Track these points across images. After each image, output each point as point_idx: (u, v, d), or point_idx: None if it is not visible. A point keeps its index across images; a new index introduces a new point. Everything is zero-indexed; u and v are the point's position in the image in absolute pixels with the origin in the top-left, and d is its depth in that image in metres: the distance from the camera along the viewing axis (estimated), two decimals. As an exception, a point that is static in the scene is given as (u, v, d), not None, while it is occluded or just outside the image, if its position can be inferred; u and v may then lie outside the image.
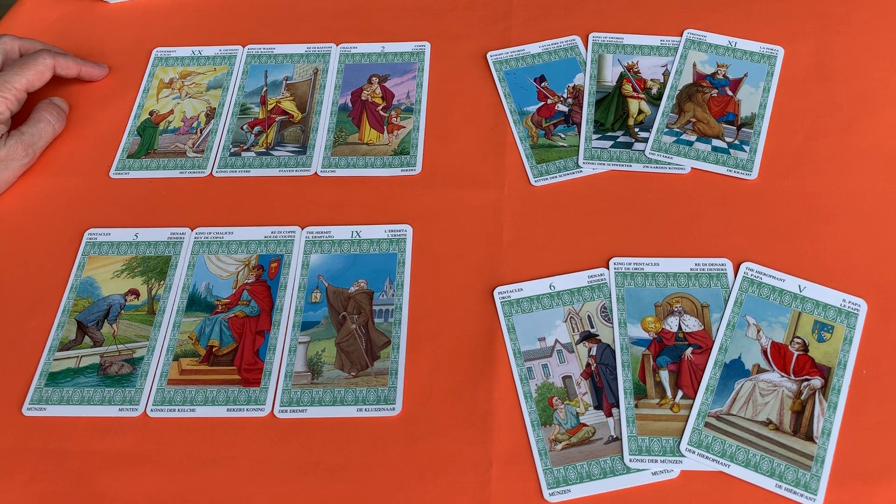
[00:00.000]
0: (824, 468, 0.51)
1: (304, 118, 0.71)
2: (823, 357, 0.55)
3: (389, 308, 0.60)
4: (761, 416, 0.53)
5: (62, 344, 0.59)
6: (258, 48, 0.76)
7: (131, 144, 0.70)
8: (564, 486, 0.52)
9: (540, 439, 0.53)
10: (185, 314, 0.60)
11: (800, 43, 0.72)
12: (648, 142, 0.66)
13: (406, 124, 0.70)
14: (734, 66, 0.71)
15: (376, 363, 0.57)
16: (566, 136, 0.68)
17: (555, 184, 0.65)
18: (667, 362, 0.56)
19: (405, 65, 0.74)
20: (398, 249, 0.62)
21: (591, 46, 0.73)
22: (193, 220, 0.65)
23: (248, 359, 0.58)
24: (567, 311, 0.59)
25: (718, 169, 0.65)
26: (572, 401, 0.55)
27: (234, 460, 0.54)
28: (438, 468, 0.53)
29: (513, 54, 0.73)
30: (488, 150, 0.67)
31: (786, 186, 0.63)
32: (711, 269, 0.59)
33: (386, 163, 0.67)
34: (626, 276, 0.60)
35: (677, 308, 0.58)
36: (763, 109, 0.68)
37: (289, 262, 0.62)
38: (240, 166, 0.68)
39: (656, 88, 0.70)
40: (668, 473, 0.52)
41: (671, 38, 0.73)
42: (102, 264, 0.63)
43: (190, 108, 0.72)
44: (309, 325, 0.59)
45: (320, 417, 0.55)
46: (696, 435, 0.53)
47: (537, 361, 0.57)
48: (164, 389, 0.57)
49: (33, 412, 0.56)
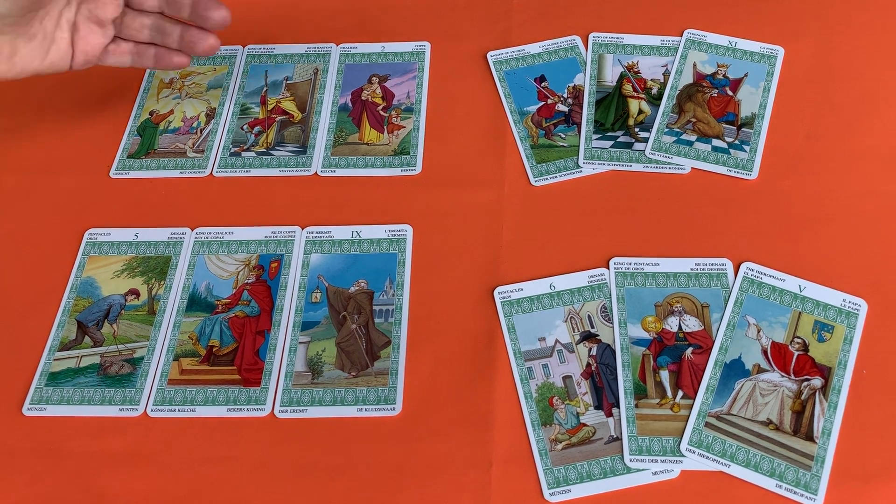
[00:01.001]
0: (824, 468, 0.51)
1: (304, 118, 0.71)
2: (824, 357, 0.55)
3: (389, 308, 0.60)
4: (761, 416, 0.53)
5: (62, 344, 0.59)
6: (258, 48, 0.76)
7: (131, 144, 0.70)
8: (565, 486, 0.52)
9: (540, 439, 0.53)
10: (186, 314, 0.60)
11: (800, 43, 0.72)
12: (648, 142, 0.67)
13: (406, 124, 0.70)
14: (734, 66, 0.71)
15: (376, 363, 0.57)
16: (566, 136, 0.68)
17: (555, 184, 0.65)
18: (667, 362, 0.56)
19: (405, 65, 0.74)
20: (398, 249, 0.62)
21: (592, 46, 0.73)
22: (193, 220, 0.65)
23: (249, 359, 0.58)
24: (567, 311, 0.59)
25: (718, 169, 0.65)
26: (572, 401, 0.55)
27: (234, 460, 0.54)
28: (438, 468, 0.53)
29: (513, 54, 0.73)
30: (488, 150, 0.67)
31: (786, 186, 0.63)
32: (711, 269, 0.59)
33: (386, 163, 0.67)
34: (627, 276, 0.60)
35: (677, 308, 0.58)
36: (763, 109, 0.68)
37: (289, 262, 0.62)
38: (240, 166, 0.68)
39: (656, 88, 0.70)
40: (669, 473, 0.52)
41: (671, 38, 0.73)
42: (102, 264, 0.63)
43: (190, 108, 0.72)
44: (309, 325, 0.59)
45: (320, 417, 0.55)
46: (697, 435, 0.53)
47: (537, 361, 0.57)
48: (165, 389, 0.57)
49: (33, 412, 0.56)
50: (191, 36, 0.62)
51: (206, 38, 0.62)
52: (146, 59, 0.64)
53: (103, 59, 0.63)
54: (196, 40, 0.62)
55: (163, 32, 0.63)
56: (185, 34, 0.63)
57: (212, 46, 0.63)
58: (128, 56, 0.64)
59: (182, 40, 0.63)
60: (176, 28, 0.63)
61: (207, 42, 0.62)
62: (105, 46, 0.62)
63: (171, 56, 0.64)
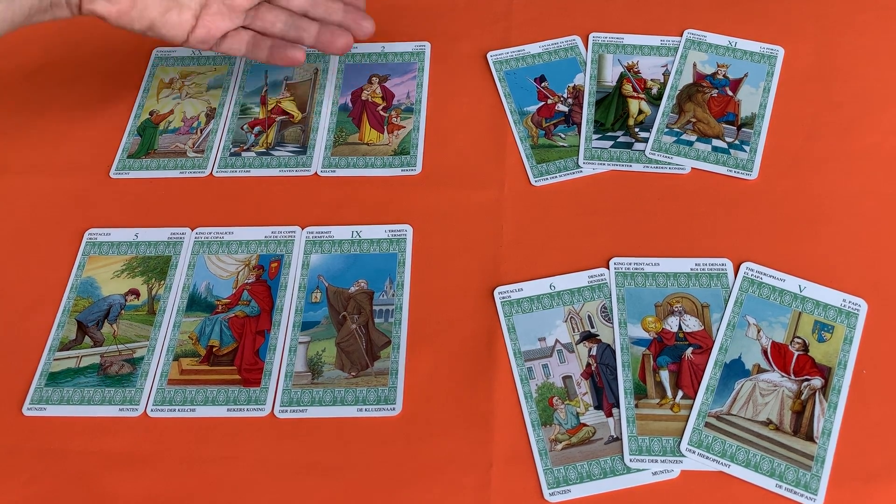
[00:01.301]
0: (824, 468, 0.51)
1: (304, 118, 0.71)
2: (823, 357, 0.55)
3: (389, 308, 0.60)
4: (761, 416, 0.53)
5: (62, 344, 0.59)
6: (258, 48, 0.76)
7: (131, 144, 0.70)
8: (565, 486, 0.52)
9: (540, 439, 0.53)
10: (186, 314, 0.60)
11: (800, 43, 0.72)
12: (648, 142, 0.66)
13: (406, 124, 0.70)
14: (734, 66, 0.71)
15: (376, 363, 0.57)
16: (566, 136, 0.68)
17: (555, 184, 0.65)
18: (667, 362, 0.56)
19: (405, 65, 0.74)
20: (398, 249, 0.62)
21: (591, 46, 0.73)
22: (193, 220, 0.65)
23: (249, 359, 0.58)
24: (567, 311, 0.59)
25: (718, 169, 0.65)
26: (572, 401, 0.55)
27: (234, 460, 0.54)
28: (438, 468, 0.53)
29: (513, 54, 0.73)
30: (488, 150, 0.67)
31: (786, 186, 0.63)
32: (712, 269, 0.59)
33: (386, 163, 0.67)
34: (627, 276, 0.60)
35: (677, 308, 0.58)
36: (763, 109, 0.68)
37: (289, 262, 0.62)
38: (240, 166, 0.68)
39: (656, 88, 0.70)
40: (669, 473, 0.52)
41: (671, 38, 0.73)
42: (103, 264, 0.63)
43: (190, 108, 0.72)
44: (309, 325, 0.59)
45: (320, 417, 0.55)
46: (697, 435, 0.53)
47: (537, 361, 0.57)
48: (165, 389, 0.57)
49: (33, 412, 0.56)
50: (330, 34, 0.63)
51: (343, 36, 0.63)
52: (260, 52, 0.63)
53: (219, 44, 0.62)
54: (334, 38, 0.63)
55: (297, 28, 0.63)
56: (322, 31, 0.63)
57: (348, 44, 0.63)
58: (243, 46, 0.63)
59: (318, 38, 0.63)
60: (313, 25, 0.63)
61: (345, 39, 0.63)
62: (227, 32, 0.61)
63: (286, 50, 0.63)
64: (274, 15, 0.63)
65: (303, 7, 0.63)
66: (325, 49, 0.64)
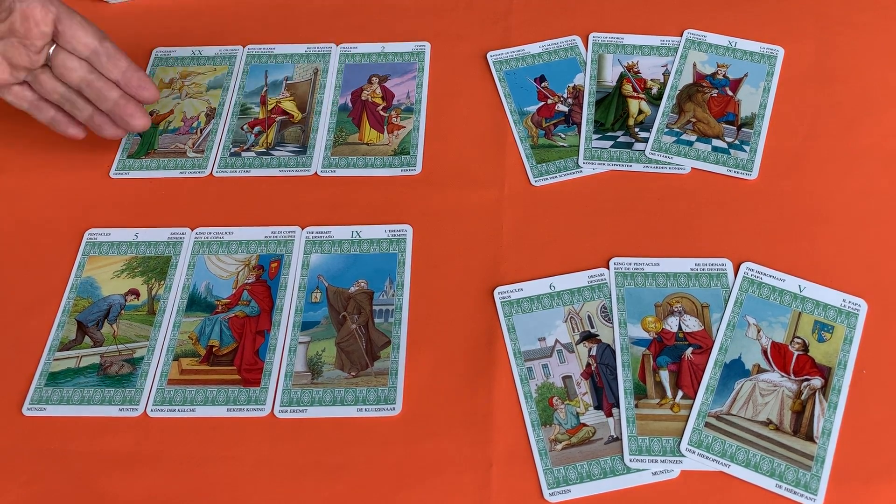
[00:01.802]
0: (824, 468, 0.51)
1: (304, 118, 0.71)
2: (823, 357, 0.55)
3: (389, 308, 0.60)
4: (761, 416, 0.53)
5: (62, 344, 0.59)
6: (258, 48, 0.76)
7: (131, 144, 0.70)
8: (564, 486, 0.52)
9: (540, 439, 0.53)
10: (186, 314, 0.60)
11: (800, 43, 0.72)
12: (648, 142, 0.66)
13: (406, 124, 0.70)
14: (734, 66, 0.71)
15: (376, 363, 0.57)
16: (566, 136, 0.68)
17: (555, 184, 0.65)
18: (667, 362, 0.56)
19: (405, 65, 0.74)
20: (398, 249, 0.62)
21: (591, 46, 0.73)
22: (193, 220, 0.65)
23: (249, 359, 0.58)
24: (567, 311, 0.59)
25: (718, 169, 0.65)
26: (572, 401, 0.55)
27: (234, 460, 0.54)
28: (438, 468, 0.53)
29: (513, 54, 0.73)
30: (488, 150, 0.67)
31: (786, 186, 0.63)
32: (711, 269, 0.59)
33: (386, 163, 0.67)
34: (627, 276, 0.60)
35: (677, 308, 0.58)
36: (763, 109, 0.68)
37: (289, 262, 0.62)
38: (240, 166, 0.68)
39: (656, 88, 0.70)
40: (669, 473, 0.52)
41: (671, 38, 0.73)
42: (102, 264, 0.63)
43: (190, 108, 0.72)
44: (309, 325, 0.59)
45: (320, 417, 0.55)
46: (697, 435, 0.53)
47: (537, 361, 0.57)
48: (165, 389, 0.57)
49: (33, 412, 0.56)
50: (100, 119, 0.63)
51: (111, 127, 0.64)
52: (42, 115, 0.64)
53: (2, 92, 0.62)
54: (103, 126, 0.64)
55: (72, 104, 0.63)
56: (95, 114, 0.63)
57: (117, 134, 0.65)
58: (26, 103, 0.63)
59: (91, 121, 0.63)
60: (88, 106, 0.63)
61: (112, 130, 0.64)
62: (9, 84, 0.61)
63: (67, 126, 0.64)
64: (52, 85, 0.62)
65: (78, 85, 0.62)
66: (97, 132, 0.64)
